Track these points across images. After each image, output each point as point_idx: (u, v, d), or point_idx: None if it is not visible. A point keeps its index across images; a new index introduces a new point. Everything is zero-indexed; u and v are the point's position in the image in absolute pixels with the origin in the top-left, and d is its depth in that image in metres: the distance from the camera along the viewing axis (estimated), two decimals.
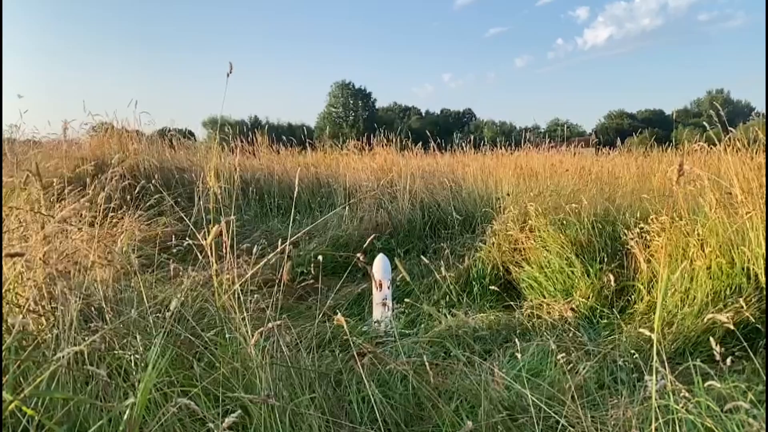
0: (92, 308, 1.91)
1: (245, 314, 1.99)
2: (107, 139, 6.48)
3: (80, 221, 2.61)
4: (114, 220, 3.30)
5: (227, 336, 2.01)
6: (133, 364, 1.70)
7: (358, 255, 2.20)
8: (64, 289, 1.71)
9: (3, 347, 1.45)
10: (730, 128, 3.74)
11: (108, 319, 1.89)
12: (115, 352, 1.74)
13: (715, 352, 1.51)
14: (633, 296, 3.43)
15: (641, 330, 1.69)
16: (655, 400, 1.52)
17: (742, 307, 2.58)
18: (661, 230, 3.42)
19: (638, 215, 3.80)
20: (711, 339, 1.55)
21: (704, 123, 3.86)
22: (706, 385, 1.61)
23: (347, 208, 5.62)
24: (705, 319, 2.04)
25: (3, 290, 1.75)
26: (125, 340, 1.82)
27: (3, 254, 1.35)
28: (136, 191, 3.65)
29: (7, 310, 1.75)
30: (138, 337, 1.77)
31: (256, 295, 2.35)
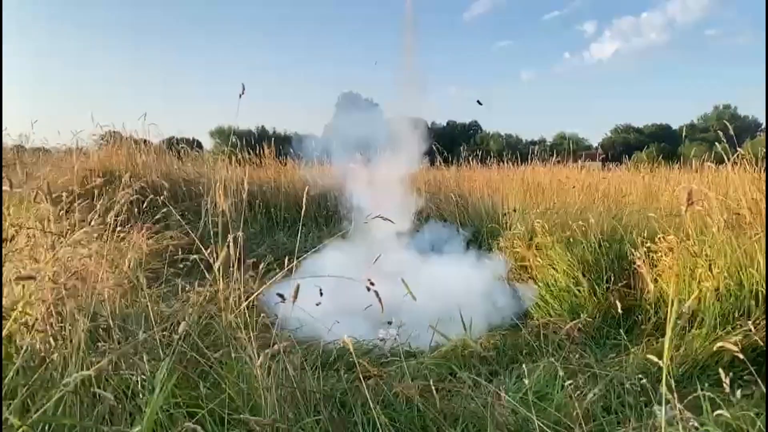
0: (100, 328, 1.91)
1: (251, 333, 1.99)
2: (116, 150, 6.53)
3: (89, 239, 2.62)
4: (121, 234, 3.31)
5: (233, 355, 2.00)
6: (139, 386, 1.70)
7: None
8: (72, 309, 1.72)
9: (12, 369, 1.45)
10: (738, 147, 3.72)
11: (115, 338, 1.89)
12: (122, 372, 1.74)
13: (725, 385, 1.49)
14: (640, 316, 3.40)
15: (650, 356, 1.68)
16: (664, 429, 1.50)
17: (751, 330, 2.55)
18: (668, 250, 3.39)
19: (645, 234, 3.76)
20: (720, 371, 1.53)
21: (713, 140, 3.84)
22: (714, 414, 1.59)
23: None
24: (714, 346, 2.00)
25: (13, 310, 1.76)
26: (132, 360, 1.82)
27: (14, 278, 1.36)
28: (144, 205, 3.66)
29: (15, 329, 1.75)
30: (145, 356, 1.77)
31: (261, 314, 2.34)
